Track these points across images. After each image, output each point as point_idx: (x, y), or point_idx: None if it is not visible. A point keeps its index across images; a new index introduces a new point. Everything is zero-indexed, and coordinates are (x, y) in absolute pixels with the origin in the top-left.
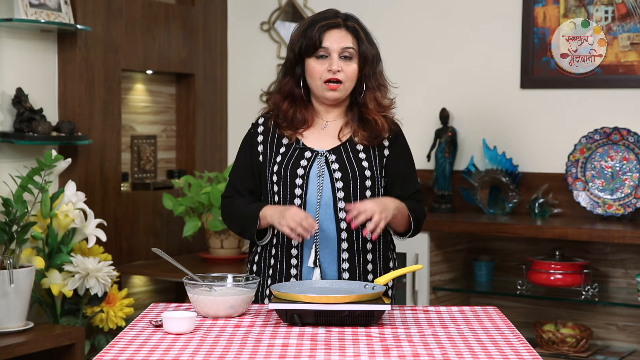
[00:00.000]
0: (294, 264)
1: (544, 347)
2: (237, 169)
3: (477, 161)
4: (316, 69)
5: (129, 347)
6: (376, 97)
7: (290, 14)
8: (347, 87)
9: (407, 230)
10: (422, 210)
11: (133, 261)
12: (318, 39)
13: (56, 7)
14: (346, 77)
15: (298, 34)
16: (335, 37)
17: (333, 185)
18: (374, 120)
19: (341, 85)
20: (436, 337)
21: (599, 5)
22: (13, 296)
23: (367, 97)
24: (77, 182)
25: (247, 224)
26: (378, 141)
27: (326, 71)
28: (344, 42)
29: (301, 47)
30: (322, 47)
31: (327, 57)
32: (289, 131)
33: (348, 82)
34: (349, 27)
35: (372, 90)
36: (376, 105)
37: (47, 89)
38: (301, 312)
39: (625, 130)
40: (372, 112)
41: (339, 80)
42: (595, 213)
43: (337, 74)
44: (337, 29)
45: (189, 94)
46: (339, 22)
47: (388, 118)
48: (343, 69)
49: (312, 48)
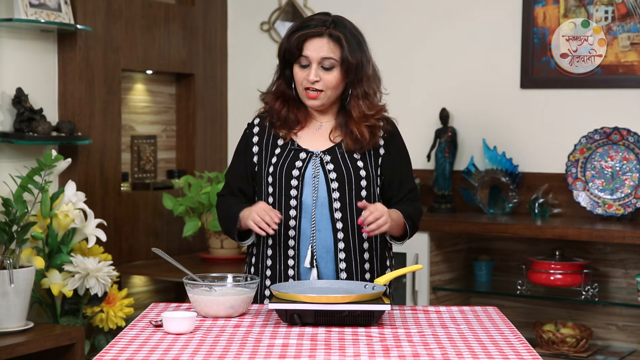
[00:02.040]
0: (290, 264)
1: (544, 347)
2: (233, 168)
3: (477, 161)
4: (298, 75)
5: (129, 347)
6: (359, 106)
7: (290, 14)
8: (328, 95)
9: (401, 236)
10: (418, 211)
11: (133, 261)
12: (297, 47)
13: (56, 7)
14: (326, 85)
15: (285, 38)
16: (315, 46)
17: (328, 185)
18: (356, 132)
19: (322, 93)
20: (436, 337)
21: (599, 5)
22: (13, 296)
23: (351, 104)
24: (77, 182)
25: (228, 224)
26: (365, 150)
27: (306, 80)
28: (323, 51)
29: (285, 53)
30: (303, 55)
31: (308, 65)
32: (284, 130)
33: (329, 91)
34: (332, 35)
35: (356, 99)
36: (359, 114)
37: (47, 89)
38: (301, 312)
39: (625, 130)
40: (355, 123)
41: (318, 89)
42: (595, 213)
43: (315, 83)
44: (319, 38)
45: (189, 94)
46: (322, 30)
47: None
48: (322, 78)
49: (294, 56)
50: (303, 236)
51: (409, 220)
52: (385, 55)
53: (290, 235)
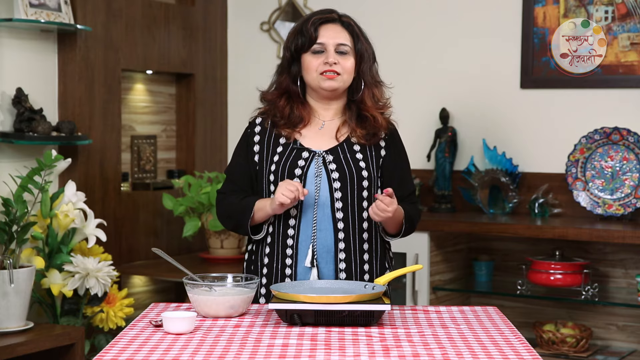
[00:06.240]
0: (288, 263)
1: (544, 347)
2: (233, 166)
3: (477, 161)
4: (312, 63)
5: (129, 347)
6: (374, 93)
7: (290, 14)
8: (345, 80)
9: (397, 232)
10: (417, 212)
11: (133, 261)
12: (314, 33)
13: (56, 7)
14: (343, 69)
15: (294, 31)
16: (331, 32)
17: (330, 185)
18: (372, 116)
19: (339, 76)
20: (436, 337)
21: (599, 5)
22: (13, 296)
23: (364, 94)
24: (77, 182)
25: (240, 217)
26: (375, 140)
27: (322, 64)
28: (339, 37)
29: (297, 44)
30: (318, 42)
31: (322, 52)
32: (287, 129)
33: (346, 75)
34: (344, 22)
35: (370, 87)
36: (373, 102)
37: (47, 89)
38: (301, 312)
39: (625, 130)
40: (371, 109)
41: (336, 72)
42: (595, 213)
43: (333, 66)
44: (333, 24)
45: (189, 94)
46: (335, 16)
47: (385, 117)
48: (340, 62)
49: (308, 43)
50: (303, 236)
51: (407, 222)
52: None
53: (290, 235)
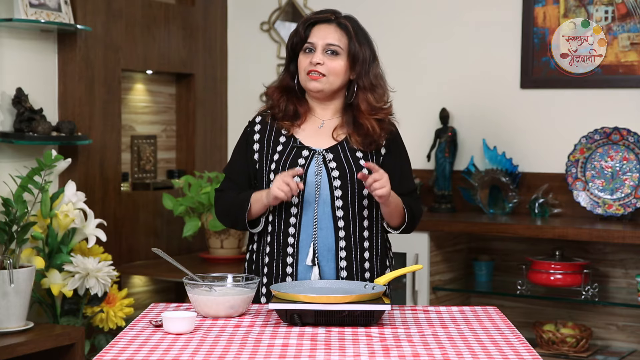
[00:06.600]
0: (289, 262)
1: (544, 347)
2: (233, 164)
3: (477, 161)
4: (302, 62)
5: (129, 347)
6: (367, 98)
7: (290, 14)
8: (330, 81)
9: (400, 225)
10: (419, 208)
11: (133, 261)
12: (304, 33)
13: (56, 7)
14: (328, 71)
15: (293, 30)
16: (322, 32)
17: (330, 183)
18: (367, 125)
19: (324, 78)
20: (436, 337)
21: (599, 5)
22: (13, 296)
23: (358, 97)
24: (77, 182)
25: (237, 211)
26: (373, 147)
27: (309, 63)
28: (329, 38)
29: (292, 43)
30: (308, 42)
31: (313, 51)
32: (287, 123)
33: (332, 77)
34: (340, 24)
35: (364, 91)
36: (368, 107)
37: (47, 89)
38: (301, 312)
39: (625, 130)
40: (364, 115)
41: (321, 73)
42: (595, 213)
43: (317, 66)
44: (326, 24)
45: (189, 94)
46: (330, 17)
47: (384, 122)
48: (326, 63)
49: (300, 42)
50: (303, 234)
51: (408, 207)
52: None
53: (290, 233)
